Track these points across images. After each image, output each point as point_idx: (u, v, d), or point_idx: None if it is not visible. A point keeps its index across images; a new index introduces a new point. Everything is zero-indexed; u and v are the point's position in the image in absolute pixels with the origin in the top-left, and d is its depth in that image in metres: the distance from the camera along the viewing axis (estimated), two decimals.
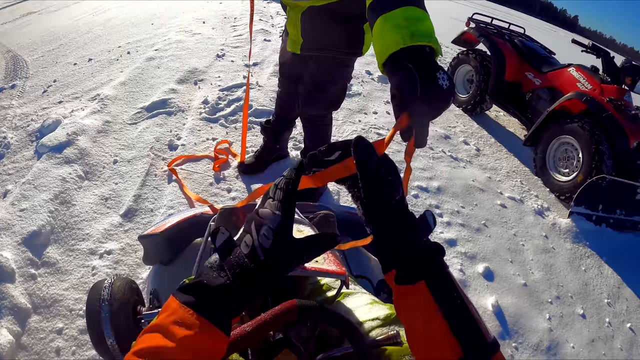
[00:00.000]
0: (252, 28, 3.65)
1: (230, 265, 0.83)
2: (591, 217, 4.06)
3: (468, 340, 0.76)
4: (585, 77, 4.73)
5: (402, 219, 0.88)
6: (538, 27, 22.45)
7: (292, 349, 1.05)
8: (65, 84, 5.22)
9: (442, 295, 0.80)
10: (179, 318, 0.77)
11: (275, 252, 0.84)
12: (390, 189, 0.90)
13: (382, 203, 0.88)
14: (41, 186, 3.15)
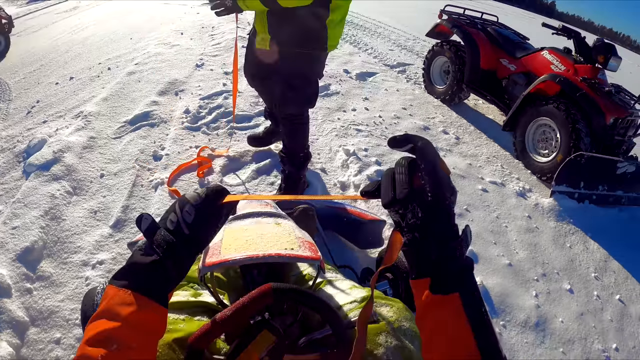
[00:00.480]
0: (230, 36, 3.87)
1: (158, 244, 0.91)
2: (573, 194, 4.14)
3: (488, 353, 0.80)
4: (559, 59, 4.83)
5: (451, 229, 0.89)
6: (514, 14, 22.51)
7: (271, 330, 1.09)
8: (49, 103, 5.29)
9: (472, 309, 0.83)
10: (120, 300, 0.85)
11: (197, 224, 0.96)
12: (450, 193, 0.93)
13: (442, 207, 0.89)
14: (31, 204, 3.23)
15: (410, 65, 7.41)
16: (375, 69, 6.77)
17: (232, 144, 4.13)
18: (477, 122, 5.62)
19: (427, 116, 5.42)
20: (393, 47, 8.60)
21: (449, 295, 0.83)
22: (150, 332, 0.88)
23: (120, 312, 0.83)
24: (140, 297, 0.86)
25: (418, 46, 8.67)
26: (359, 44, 8.36)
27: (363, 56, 7.51)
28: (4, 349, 2.21)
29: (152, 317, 0.88)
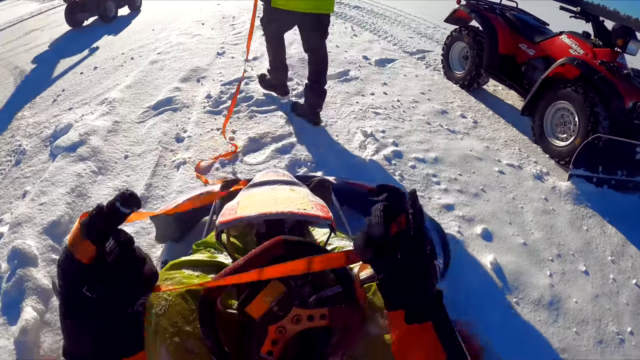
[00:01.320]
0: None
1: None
2: (592, 179, 4.06)
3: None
4: (578, 43, 4.76)
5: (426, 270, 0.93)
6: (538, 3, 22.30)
7: (281, 279, 1.10)
8: (74, 92, 5.44)
9: (445, 335, 0.89)
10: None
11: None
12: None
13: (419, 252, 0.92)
14: (58, 182, 3.33)
15: (430, 52, 7.38)
16: (394, 56, 6.76)
17: (252, 125, 4.20)
18: (495, 106, 5.58)
19: (446, 101, 5.40)
20: (413, 35, 8.57)
21: (422, 324, 0.89)
22: None
23: None
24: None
25: (438, 34, 8.62)
26: (378, 31, 8.36)
27: (383, 43, 7.51)
28: (29, 313, 2.30)
29: None
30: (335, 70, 5.74)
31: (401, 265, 0.90)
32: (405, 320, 0.91)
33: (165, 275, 1.41)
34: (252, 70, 5.49)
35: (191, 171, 3.52)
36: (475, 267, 2.91)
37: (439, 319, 0.91)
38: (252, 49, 6.03)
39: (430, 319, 0.89)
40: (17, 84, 6.32)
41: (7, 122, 4.99)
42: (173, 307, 1.22)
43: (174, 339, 1.19)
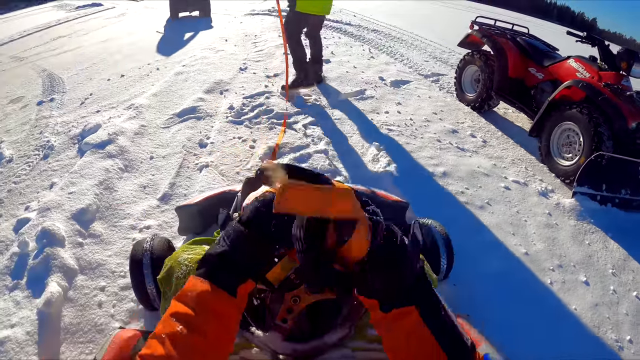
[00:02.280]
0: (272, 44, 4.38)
1: (228, 235, 0.99)
2: (595, 196, 4.11)
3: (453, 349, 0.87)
4: (584, 67, 4.87)
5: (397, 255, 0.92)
6: (549, 29, 22.36)
7: None
8: (101, 96, 5.66)
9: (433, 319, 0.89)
10: (193, 286, 0.93)
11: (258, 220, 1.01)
12: None
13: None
14: (87, 175, 3.51)
15: (444, 76, 7.52)
16: (409, 78, 6.93)
17: (272, 136, 4.38)
18: (505, 128, 5.69)
19: (457, 121, 5.54)
20: (428, 59, 8.74)
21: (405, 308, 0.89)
22: (220, 318, 0.92)
23: (191, 296, 0.91)
24: (210, 284, 0.93)
25: (453, 58, 8.77)
26: (395, 54, 8.54)
27: (399, 66, 7.68)
28: (54, 287, 2.43)
29: (219, 304, 0.92)
30: (353, 89, 5.94)
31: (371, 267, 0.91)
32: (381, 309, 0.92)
33: (184, 248, 1.54)
34: (273, 86, 5.69)
35: (213, 174, 3.68)
36: (478, 272, 2.98)
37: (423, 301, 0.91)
38: (273, 67, 6.29)
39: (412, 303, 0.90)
40: (44, 85, 6.56)
41: (35, 120, 5.18)
42: (193, 272, 1.36)
43: None
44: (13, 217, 3.28)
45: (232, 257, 0.96)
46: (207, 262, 0.97)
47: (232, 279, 0.95)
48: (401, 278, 0.90)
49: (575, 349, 2.62)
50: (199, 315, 0.88)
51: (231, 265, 0.96)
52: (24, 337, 2.21)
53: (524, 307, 2.82)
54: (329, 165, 3.91)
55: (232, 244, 0.97)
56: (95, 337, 2.30)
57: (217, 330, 0.90)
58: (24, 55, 8.95)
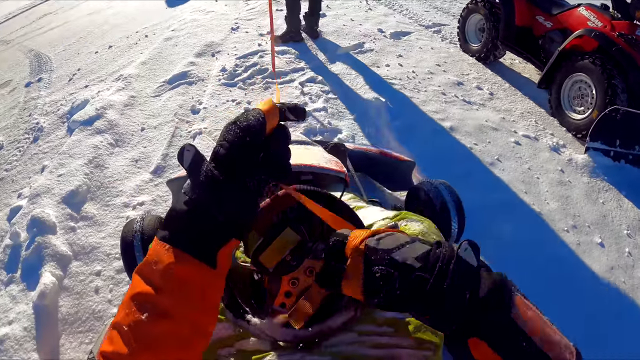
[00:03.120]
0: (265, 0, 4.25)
1: (199, 183, 0.72)
2: (609, 152, 3.98)
3: None
4: (596, 15, 4.63)
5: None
6: None
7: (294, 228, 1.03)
8: (89, 70, 5.46)
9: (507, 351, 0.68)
10: (156, 257, 0.70)
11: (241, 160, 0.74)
12: None
13: None
14: (76, 154, 3.37)
15: (446, 26, 7.23)
16: (409, 29, 6.64)
17: (268, 96, 4.18)
18: (512, 79, 5.46)
19: (461, 73, 5.31)
20: (429, 9, 8.42)
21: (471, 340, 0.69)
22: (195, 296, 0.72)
23: (156, 272, 0.69)
24: (180, 254, 0.70)
25: (454, 8, 8.44)
26: (393, 5, 8.21)
27: (398, 17, 7.38)
28: (47, 278, 2.35)
29: (192, 276, 0.71)
30: (350, 43, 5.68)
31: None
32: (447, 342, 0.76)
33: None
34: (266, 44, 5.46)
35: (207, 140, 3.52)
36: (491, 234, 2.88)
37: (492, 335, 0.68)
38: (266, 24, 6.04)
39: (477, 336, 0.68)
40: (32, 66, 6.38)
41: (24, 103, 5.02)
42: None
43: None
44: (6, 206, 3.20)
45: (206, 212, 0.71)
46: (173, 222, 0.72)
47: (208, 243, 0.72)
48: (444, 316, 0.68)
49: (593, 315, 2.56)
50: (165, 295, 0.68)
51: (206, 224, 0.71)
52: (22, 333, 2.16)
53: (540, 274, 2.74)
54: (328, 124, 3.73)
55: (205, 195, 0.71)
56: (95, 326, 2.23)
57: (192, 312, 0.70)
58: (10, 38, 8.75)
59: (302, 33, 5.70)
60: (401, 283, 0.68)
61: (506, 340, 0.68)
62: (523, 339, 0.67)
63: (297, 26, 5.56)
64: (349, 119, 3.90)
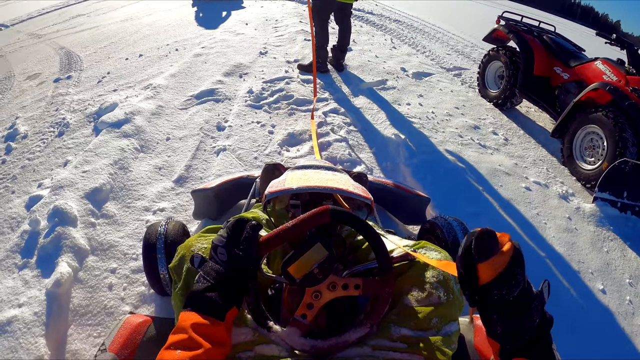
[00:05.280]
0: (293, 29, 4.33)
1: (208, 273, 1.13)
2: (616, 203, 4.04)
3: None
4: (611, 69, 4.75)
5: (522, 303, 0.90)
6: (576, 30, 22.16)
7: (324, 244, 1.18)
8: (119, 75, 5.58)
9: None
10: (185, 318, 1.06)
11: (232, 259, 1.14)
12: None
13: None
14: (102, 154, 3.44)
15: (466, 70, 7.40)
16: (431, 70, 6.82)
17: (292, 122, 4.29)
18: (527, 127, 5.60)
19: (479, 117, 5.43)
20: (450, 52, 8.61)
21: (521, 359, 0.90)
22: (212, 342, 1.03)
23: (185, 327, 1.03)
24: (200, 315, 1.06)
25: (475, 53, 8.63)
26: (417, 46, 8.42)
27: (420, 57, 7.56)
28: (64, 267, 2.38)
29: (211, 329, 1.05)
30: (374, 78, 5.84)
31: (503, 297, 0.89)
32: (500, 357, 0.94)
33: (199, 236, 1.49)
34: (293, 72, 5.59)
35: (230, 158, 3.60)
36: None
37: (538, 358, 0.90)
38: (294, 52, 6.20)
39: (525, 356, 0.90)
40: (62, 63, 6.49)
41: (51, 97, 5.11)
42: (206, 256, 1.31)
43: None
44: (25, 194, 3.23)
45: (215, 290, 1.10)
46: (194, 298, 1.10)
47: (219, 307, 1.09)
48: (521, 328, 0.89)
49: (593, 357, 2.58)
50: (193, 338, 1.01)
51: (216, 297, 1.09)
52: (32, 318, 2.16)
53: None
54: (349, 155, 3.81)
55: (214, 280, 1.12)
56: (105, 320, 2.26)
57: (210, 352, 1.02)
58: (42, 32, 8.88)
59: (328, 64, 5.84)
60: (520, 292, 0.89)
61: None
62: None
63: (325, 57, 5.72)
64: (369, 152, 3.98)
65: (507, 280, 0.88)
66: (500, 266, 0.88)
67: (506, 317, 0.89)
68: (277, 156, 3.70)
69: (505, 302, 0.88)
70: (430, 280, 1.29)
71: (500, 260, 0.89)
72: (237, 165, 3.52)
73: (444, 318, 1.22)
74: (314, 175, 1.87)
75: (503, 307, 0.89)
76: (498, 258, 0.89)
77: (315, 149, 3.41)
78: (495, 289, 0.88)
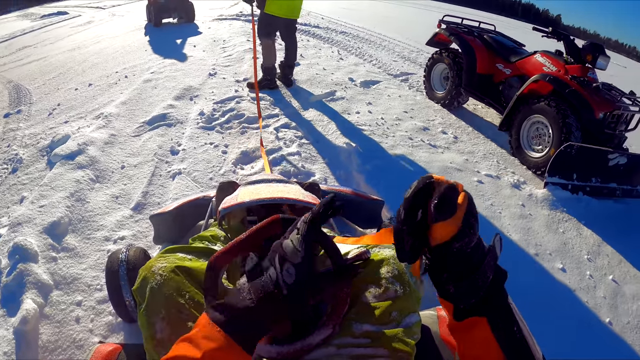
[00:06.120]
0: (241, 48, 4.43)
1: (256, 289, 0.94)
2: (567, 186, 4.25)
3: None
4: (550, 61, 5.03)
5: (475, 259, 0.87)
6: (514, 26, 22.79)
7: None
8: (69, 106, 5.58)
9: (501, 332, 0.86)
10: (208, 333, 0.88)
11: (297, 288, 0.95)
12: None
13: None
14: (57, 187, 3.46)
15: (413, 75, 7.64)
16: (379, 78, 7.04)
17: (244, 140, 4.39)
18: (475, 123, 5.83)
19: (427, 118, 5.64)
20: (397, 59, 8.84)
21: (475, 318, 0.88)
22: None
23: (204, 345, 0.87)
24: (228, 339, 0.87)
25: (421, 58, 8.88)
26: (364, 55, 8.63)
27: (368, 66, 7.79)
28: (29, 304, 2.38)
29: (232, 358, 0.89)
30: (323, 91, 6.01)
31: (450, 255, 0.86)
32: (454, 317, 0.91)
33: (159, 257, 1.55)
34: (243, 90, 5.70)
35: (186, 180, 3.68)
36: None
37: (494, 313, 0.88)
38: (242, 71, 6.31)
39: (483, 314, 0.87)
40: (11, 97, 6.43)
41: (2, 133, 5.08)
42: (168, 281, 1.36)
43: (171, 310, 1.33)
44: None
45: (257, 314, 0.93)
46: (229, 311, 0.92)
47: (254, 340, 0.93)
48: (474, 285, 0.86)
49: (557, 337, 2.67)
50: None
51: (259, 330, 0.94)
52: (2, 358, 2.18)
53: None
54: (302, 167, 3.93)
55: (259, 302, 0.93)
56: (75, 354, 2.28)
57: None
58: None
59: (277, 81, 5.96)
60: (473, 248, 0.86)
61: (502, 321, 0.88)
62: (514, 323, 0.89)
63: (273, 74, 5.85)
64: (322, 163, 4.10)
65: (465, 234, 0.85)
66: (458, 220, 0.85)
67: (458, 275, 0.86)
68: (232, 175, 3.79)
69: (461, 257, 0.85)
70: (386, 275, 1.33)
71: (459, 215, 0.85)
72: (194, 188, 3.59)
73: (402, 311, 1.27)
74: (265, 189, 1.97)
75: (457, 264, 0.85)
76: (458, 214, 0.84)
77: (265, 164, 3.52)
78: (455, 244, 0.84)
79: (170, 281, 1.37)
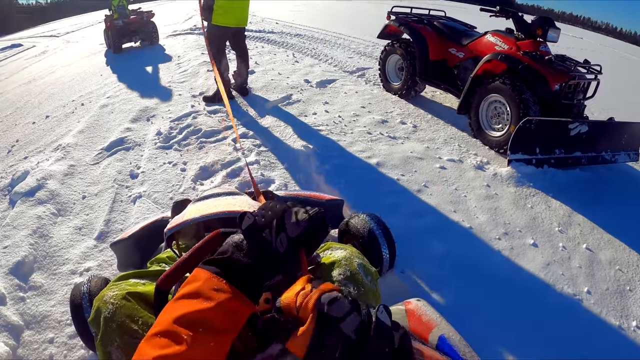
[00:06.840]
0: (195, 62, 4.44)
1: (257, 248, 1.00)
2: (531, 161, 4.31)
3: None
4: (502, 40, 5.12)
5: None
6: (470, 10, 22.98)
7: None
8: (28, 141, 5.58)
9: None
10: (214, 286, 0.90)
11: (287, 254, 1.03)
12: None
13: None
14: (20, 226, 3.49)
15: (369, 69, 7.72)
16: (334, 76, 7.13)
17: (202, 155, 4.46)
18: (434, 111, 5.92)
19: (385, 111, 5.73)
20: (352, 55, 8.94)
21: None
22: (237, 322, 0.91)
23: (216, 297, 0.88)
24: (235, 290, 0.91)
25: (377, 52, 8.93)
26: (319, 55, 8.70)
27: (323, 66, 7.87)
28: (1, 347, 2.42)
29: (242, 309, 0.92)
30: (279, 96, 6.05)
31: None
32: None
33: (111, 285, 1.60)
34: (199, 105, 5.74)
35: (147, 203, 3.72)
36: (425, 255, 3.07)
37: None
38: (198, 85, 6.35)
39: None
40: None
41: None
42: (119, 309, 1.42)
43: (124, 337, 1.39)
44: None
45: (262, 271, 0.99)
46: (226, 266, 0.96)
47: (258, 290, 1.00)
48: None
49: (535, 312, 2.72)
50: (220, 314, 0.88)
51: (260, 279, 0.99)
52: None
53: (477, 281, 2.92)
54: (262, 175, 3.99)
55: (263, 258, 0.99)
56: None
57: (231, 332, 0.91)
58: None
59: (232, 91, 6.00)
60: (341, 351, 0.81)
61: None
62: None
63: (227, 85, 5.87)
64: (281, 169, 4.16)
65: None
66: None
67: None
68: (192, 192, 3.85)
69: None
70: (338, 278, 1.41)
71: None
72: (155, 210, 3.64)
73: None
74: (212, 203, 2.02)
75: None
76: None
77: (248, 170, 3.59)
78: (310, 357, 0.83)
79: (122, 308, 1.43)
